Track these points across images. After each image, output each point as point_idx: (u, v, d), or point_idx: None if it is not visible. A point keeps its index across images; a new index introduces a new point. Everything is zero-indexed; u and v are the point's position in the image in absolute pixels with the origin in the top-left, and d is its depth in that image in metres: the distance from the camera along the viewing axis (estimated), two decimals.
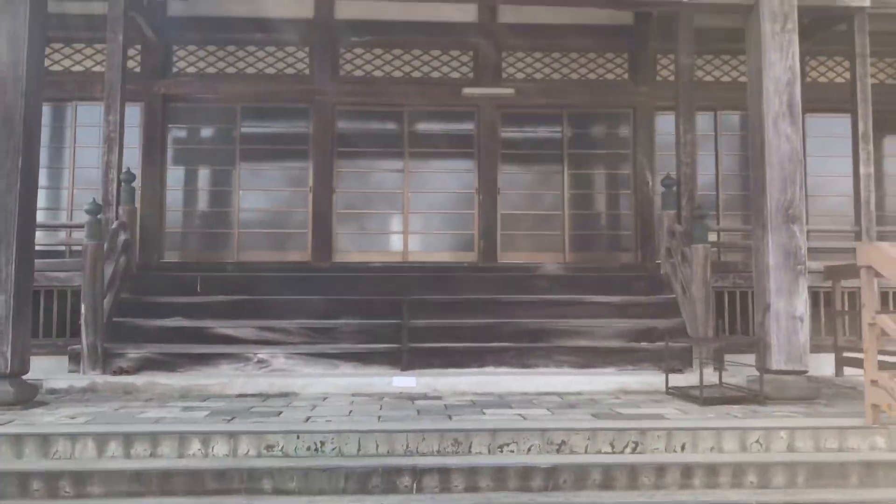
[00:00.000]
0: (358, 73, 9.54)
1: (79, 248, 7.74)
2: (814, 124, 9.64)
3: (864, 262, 4.84)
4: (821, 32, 8.91)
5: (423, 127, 9.70)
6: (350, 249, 9.41)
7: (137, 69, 9.12)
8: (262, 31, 9.14)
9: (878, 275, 4.89)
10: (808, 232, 8.70)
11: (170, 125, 9.36)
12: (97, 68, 9.06)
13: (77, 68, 9.24)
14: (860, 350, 5.26)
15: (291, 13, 9.20)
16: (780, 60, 6.14)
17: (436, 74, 9.60)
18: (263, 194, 9.48)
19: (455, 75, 9.63)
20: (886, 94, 9.67)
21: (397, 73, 9.57)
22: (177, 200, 9.39)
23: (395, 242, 9.49)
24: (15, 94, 5.80)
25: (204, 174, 9.57)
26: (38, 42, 6.04)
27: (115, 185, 7.70)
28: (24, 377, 5.75)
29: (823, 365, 7.66)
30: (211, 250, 9.29)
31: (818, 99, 9.41)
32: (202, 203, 9.52)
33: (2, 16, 5.79)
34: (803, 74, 9.46)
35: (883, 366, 5.09)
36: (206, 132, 9.58)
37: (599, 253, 9.51)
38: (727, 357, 7.00)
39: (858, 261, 4.93)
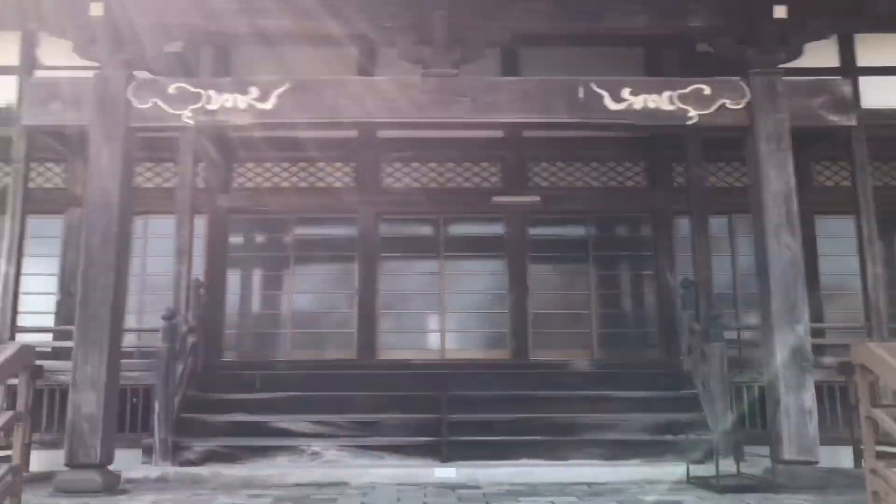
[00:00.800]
0: (398, 185, 10.49)
1: (147, 348, 8.61)
2: (825, 225, 10.30)
3: (857, 360, 5.42)
4: (824, 140, 9.64)
5: (456, 232, 10.56)
6: (392, 347, 10.12)
7: (202, 185, 10.15)
8: (312, 150, 10.13)
9: None
10: (825, 329, 9.33)
11: (230, 235, 10.32)
12: (166, 184, 10.14)
13: (147, 185, 10.29)
14: None
15: (339, 135, 10.19)
16: (778, 176, 6.89)
17: (467, 184, 10.52)
18: (313, 296, 10.33)
19: (485, 185, 10.53)
20: (891, 196, 10.34)
21: (433, 185, 10.50)
22: (235, 303, 10.25)
23: (434, 341, 10.19)
24: (112, 219, 6.74)
25: (259, 278, 10.48)
26: (130, 172, 7.06)
27: (185, 292, 8.59)
28: (107, 467, 6.48)
29: (842, 457, 8.06)
30: (266, 349, 10.08)
31: (826, 201, 10.14)
32: (258, 305, 10.38)
33: (101, 153, 6.79)
34: (810, 179, 10.40)
35: (883, 455, 5.58)
36: (262, 240, 10.54)
37: (626, 350, 10.10)
38: (747, 448, 7.49)
39: (852, 359, 5.52)
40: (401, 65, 7.32)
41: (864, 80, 9.12)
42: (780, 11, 6.82)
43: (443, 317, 10.27)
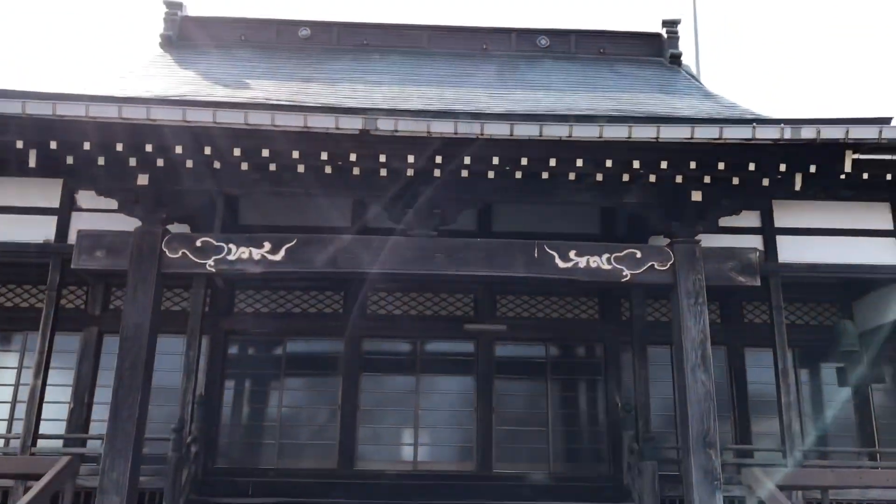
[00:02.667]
0: (381, 311, 11.91)
1: (154, 454, 9.71)
2: (754, 356, 11.81)
3: (744, 482, 6.80)
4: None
5: (431, 353, 11.91)
6: (370, 458, 11.28)
7: (207, 309, 11.46)
8: (306, 281, 11.52)
9: None
10: (748, 450, 10.70)
11: (229, 353, 11.59)
12: (174, 308, 11.45)
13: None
14: None
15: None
16: (695, 325, 8.42)
17: (443, 312, 11.95)
18: (300, 409, 11.53)
19: (458, 313, 11.97)
20: (811, 332, 11.95)
21: (412, 312, 11.92)
22: (230, 414, 11.42)
23: (407, 453, 11.37)
24: (141, 348, 8.06)
25: (253, 392, 11.68)
26: (158, 309, 8.41)
27: (190, 406, 9.79)
28: None
29: None
30: (257, 457, 11.19)
31: (755, 336, 11.67)
32: (250, 416, 11.54)
33: (136, 294, 8.17)
34: (741, 317, 11.99)
35: None
36: (257, 359, 11.80)
37: (579, 464, 11.36)
38: None
39: (742, 481, 6.89)
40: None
41: (780, 239, 10.77)
42: (696, 195, 8.47)
43: (416, 430, 11.49)
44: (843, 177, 8.21)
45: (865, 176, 9.91)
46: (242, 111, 7.22)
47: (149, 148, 7.63)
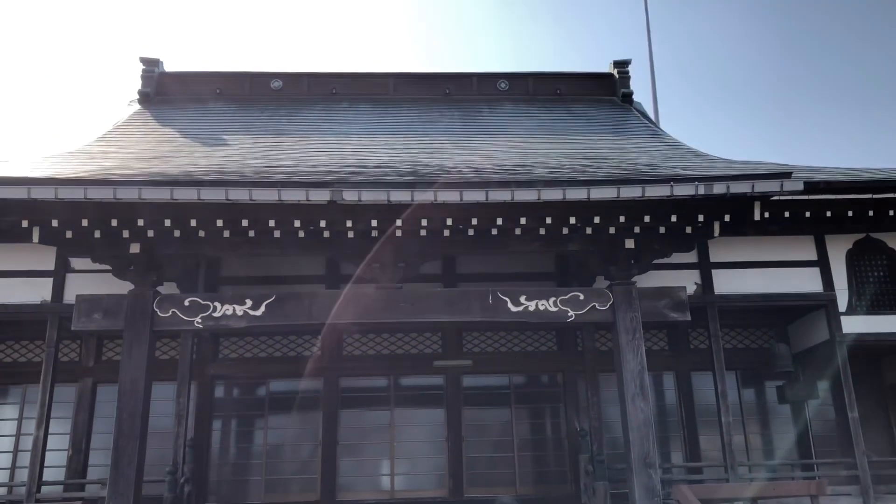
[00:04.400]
0: (356, 352, 12.85)
1: (149, 495, 10.53)
2: (699, 379, 12.87)
3: (674, 497, 7.79)
4: (696, 314, 12.30)
5: (404, 389, 12.85)
6: (350, 489, 12.18)
7: (194, 356, 12.34)
8: (287, 330, 12.42)
9: None
10: (702, 467, 11.70)
11: (215, 397, 12.47)
12: (163, 357, 12.32)
13: None
14: None
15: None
16: (633, 359, 9.45)
17: (414, 351, 12.91)
18: (285, 447, 12.42)
19: (428, 350, 12.93)
20: (749, 354, 13.05)
21: (385, 351, 12.88)
22: (219, 454, 12.28)
23: (385, 482, 12.28)
24: (137, 400, 8.95)
25: (239, 433, 12.56)
26: (152, 364, 9.30)
27: (182, 449, 10.65)
28: None
29: None
30: (244, 493, 12.05)
31: (700, 361, 12.71)
32: (236, 455, 12.40)
33: (131, 351, 9.07)
34: (688, 343, 13.04)
35: None
36: (242, 401, 12.69)
37: (542, 485, 12.32)
38: None
39: (675, 497, 7.88)
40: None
41: (716, 272, 11.92)
42: (629, 243, 9.55)
43: (392, 461, 12.40)
44: (758, 218, 9.31)
45: (787, 214, 11.13)
46: (223, 188, 8.19)
47: (140, 222, 8.59)
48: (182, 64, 41.63)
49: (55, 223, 8.53)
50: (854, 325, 11.69)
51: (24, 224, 8.55)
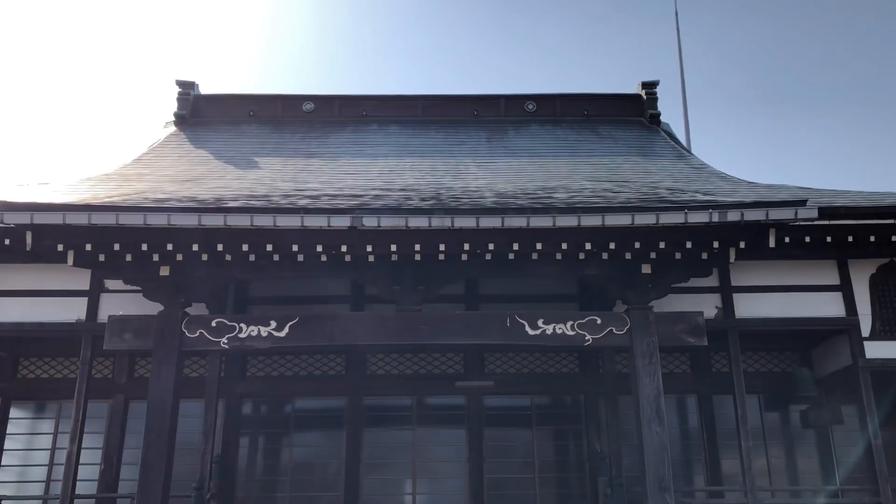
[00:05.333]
0: (380, 371, 13.08)
1: None
2: (721, 402, 12.85)
3: None
4: (717, 337, 12.32)
5: (426, 409, 13.04)
6: None
7: (222, 374, 12.68)
8: (313, 350, 12.71)
9: None
10: (722, 491, 11.70)
11: (243, 414, 12.78)
12: (193, 374, 12.67)
13: None
14: None
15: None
16: (650, 383, 9.54)
17: (436, 371, 13.10)
18: (310, 465, 12.67)
19: (450, 371, 13.11)
20: (772, 378, 13.02)
21: (408, 371, 13.09)
22: (245, 471, 12.57)
23: (407, 501, 12.45)
24: (165, 418, 9.28)
25: (266, 450, 12.84)
26: (179, 383, 9.62)
27: (209, 466, 10.94)
28: None
29: None
30: None
31: (724, 385, 12.68)
32: (263, 472, 12.68)
33: (160, 370, 9.41)
34: (710, 367, 13.04)
35: None
36: (269, 419, 12.99)
37: None
38: None
39: None
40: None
41: (737, 296, 11.92)
42: (646, 269, 9.67)
43: (414, 480, 12.58)
44: (773, 245, 9.35)
45: (808, 239, 11.13)
46: (248, 214, 8.51)
47: (169, 247, 8.93)
48: (217, 86, 42.58)
49: (88, 247, 8.91)
50: (878, 350, 11.61)
51: (60, 248, 8.94)
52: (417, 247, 9.02)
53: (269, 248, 8.97)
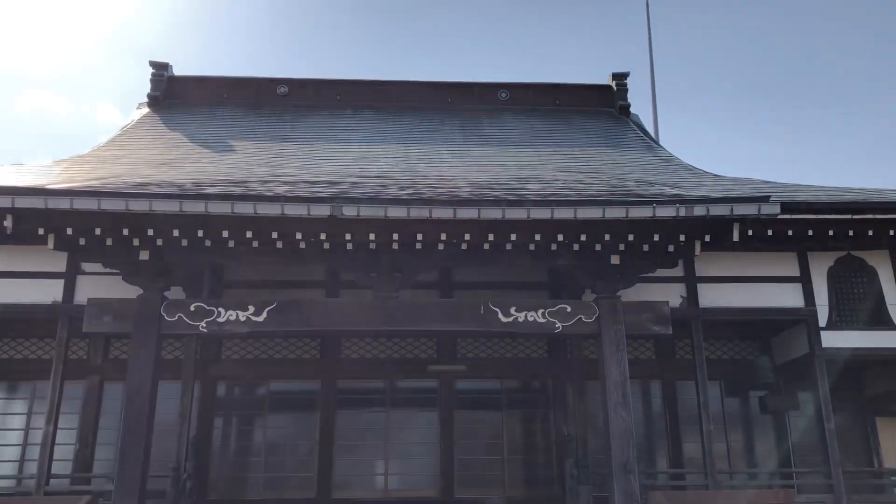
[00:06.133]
0: (354, 355, 13.32)
1: (153, 489, 11.01)
2: (684, 388, 13.32)
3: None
4: (681, 326, 12.74)
5: (399, 392, 13.32)
6: (345, 487, 12.64)
7: (197, 356, 12.82)
8: (288, 333, 12.86)
9: None
10: (682, 473, 12.16)
11: (217, 396, 12.95)
12: (168, 356, 12.78)
13: None
14: None
15: None
16: (617, 370, 9.91)
17: (409, 355, 13.38)
18: (283, 446, 12.89)
19: (423, 356, 13.39)
20: (733, 365, 13.52)
21: (382, 355, 13.35)
22: (220, 452, 12.76)
23: (379, 482, 12.76)
24: (143, 401, 9.44)
25: (240, 431, 13.04)
26: (158, 367, 9.76)
27: (185, 447, 11.12)
28: None
29: None
30: (244, 489, 12.53)
31: (685, 370, 13.15)
32: (237, 452, 12.88)
33: (139, 353, 9.55)
34: (674, 353, 13.49)
35: None
36: (243, 401, 13.18)
37: (531, 488, 12.78)
38: None
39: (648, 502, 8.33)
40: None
41: (701, 286, 12.32)
42: (614, 259, 10.02)
43: (387, 461, 12.88)
44: (737, 239, 9.75)
45: (770, 232, 11.55)
46: (229, 202, 8.66)
47: (150, 232, 9.06)
48: (191, 68, 42.09)
49: (69, 231, 9.00)
50: (834, 339, 12.12)
51: (41, 231, 9.01)
52: (395, 236, 9.25)
53: (249, 234, 9.14)
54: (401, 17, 47.65)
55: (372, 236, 9.27)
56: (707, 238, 9.52)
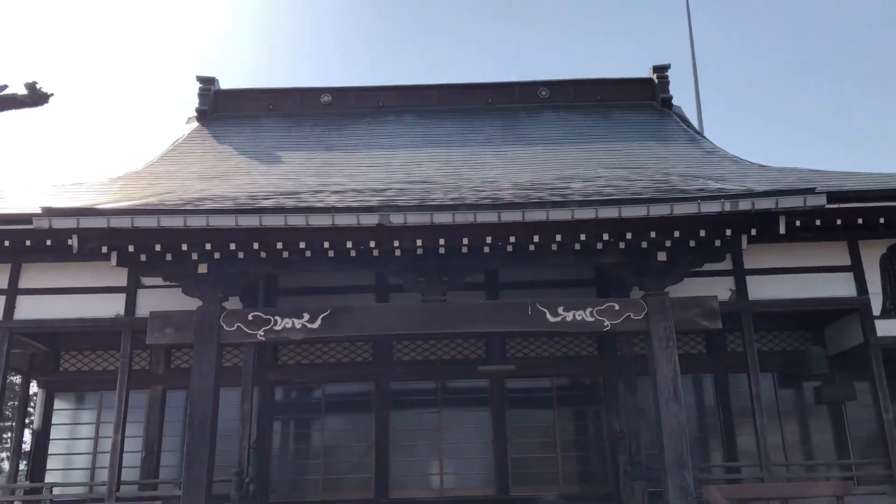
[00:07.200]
0: (406, 358, 13.58)
1: (218, 494, 11.41)
2: (736, 381, 13.26)
3: (705, 498, 8.29)
4: (732, 318, 12.64)
5: (451, 392, 13.55)
6: (401, 486, 12.91)
7: (255, 363, 13.21)
8: (341, 338, 13.17)
9: None
10: (738, 467, 12.13)
11: (276, 401, 13.33)
12: (227, 364, 13.20)
13: None
14: None
15: None
16: (667, 365, 9.95)
17: (459, 356, 13.59)
18: (340, 448, 13.23)
19: (473, 356, 13.60)
20: (785, 357, 13.42)
21: (432, 357, 13.59)
22: (279, 455, 13.15)
23: (434, 481, 12.99)
24: (206, 408, 9.80)
25: (298, 435, 13.42)
26: (219, 375, 10.13)
27: (246, 451, 11.50)
28: None
29: None
30: (304, 491, 12.91)
31: (737, 364, 13.08)
32: (297, 456, 13.26)
33: (200, 363, 9.92)
34: (725, 346, 13.44)
35: None
36: (300, 405, 13.56)
37: (585, 484, 12.90)
38: None
39: (706, 497, 8.38)
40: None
41: (750, 279, 12.25)
42: (661, 256, 10.05)
43: (441, 461, 13.11)
44: (783, 232, 9.68)
45: (818, 222, 11.44)
46: (283, 215, 8.97)
47: (208, 246, 9.42)
48: (236, 80, 43.01)
49: (131, 248, 9.40)
50: (889, 328, 11.95)
51: (104, 249, 9.44)
52: (442, 241, 9.44)
53: (302, 245, 9.43)
54: (438, 20, 47.90)
55: (419, 242, 9.48)
56: (753, 232, 9.51)
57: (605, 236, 9.48)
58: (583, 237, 9.50)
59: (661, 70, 19.85)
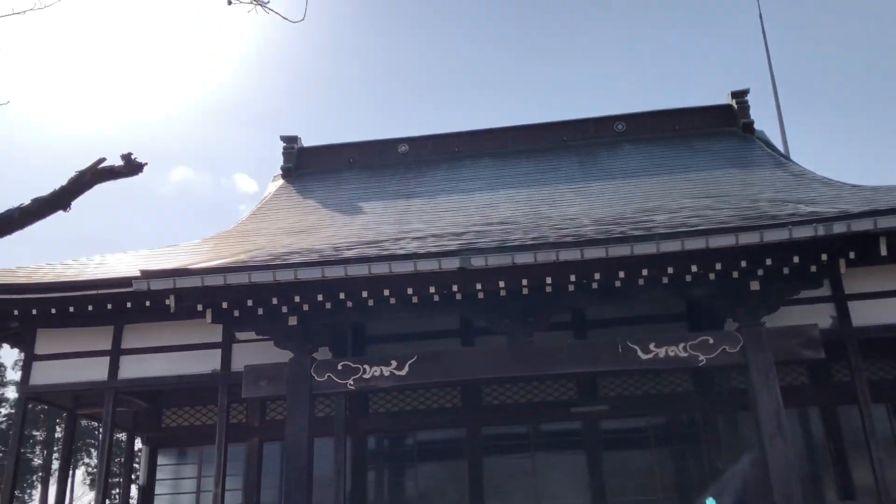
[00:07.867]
0: (495, 402, 13.46)
1: None
2: (846, 413, 12.57)
3: None
4: (835, 345, 12.02)
5: (543, 435, 13.32)
6: None
7: (347, 413, 13.36)
8: (430, 384, 13.20)
9: None
10: None
11: (368, 449, 13.40)
12: (319, 414, 13.37)
13: None
14: None
15: None
16: (768, 400, 9.53)
17: (550, 398, 13.38)
18: (434, 494, 13.14)
19: (564, 398, 13.36)
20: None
21: (522, 400, 13.42)
22: (374, 502, 13.15)
23: None
24: (302, 457, 9.92)
25: (392, 483, 13.40)
26: (313, 425, 10.26)
27: (342, 501, 11.56)
28: None
29: None
30: None
31: (846, 394, 12.41)
32: (390, 500, 13.23)
33: (294, 414, 10.08)
34: (829, 377, 12.79)
35: None
36: (393, 452, 13.58)
37: None
38: None
39: None
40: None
41: (852, 304, 11.66)
42: (754, 285, 9.70)
43: None
44: (885, 253, 9.24)
45: None
46: (366, 264, 9.12)
47: (297, 298, 9.64)
48: (316, 136, 44.53)
49: (225, 304, 9.71)
50: None
51: (199, 307, 9.78)
52: (525, 281, 9.39)
53: (386, 292, 9.54)
54: (509, 61, 48.42)
55: (501, 283, 9.45)
56: (852, 255, 9.09)
57: (694, 268, 9.23)
58: (670, 270, 9.28)
59: (739, 95, 19.45)
